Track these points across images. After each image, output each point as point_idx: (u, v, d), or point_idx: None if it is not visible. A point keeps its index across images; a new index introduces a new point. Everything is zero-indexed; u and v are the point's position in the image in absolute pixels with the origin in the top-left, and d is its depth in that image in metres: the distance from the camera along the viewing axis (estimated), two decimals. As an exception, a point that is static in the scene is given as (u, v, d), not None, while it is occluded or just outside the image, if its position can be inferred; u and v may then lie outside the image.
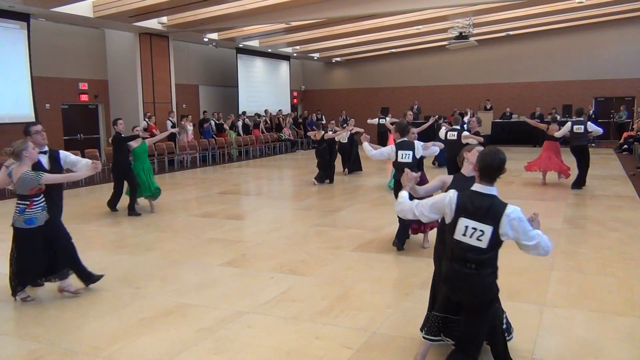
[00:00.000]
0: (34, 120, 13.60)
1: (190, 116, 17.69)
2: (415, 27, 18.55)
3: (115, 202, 9.14)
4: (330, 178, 12.32)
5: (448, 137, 9.31)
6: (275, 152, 20.56)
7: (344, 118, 21.06)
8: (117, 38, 16.47)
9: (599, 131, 10.88)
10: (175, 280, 5.52)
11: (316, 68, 27.55)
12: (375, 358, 3.74)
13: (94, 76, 16.42)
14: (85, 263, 5.16)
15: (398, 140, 6.62)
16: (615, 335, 4.04)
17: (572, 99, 21.55)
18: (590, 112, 20.28)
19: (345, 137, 12.97)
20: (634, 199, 9.60)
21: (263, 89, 22.93)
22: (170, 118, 16.89)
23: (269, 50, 22.20)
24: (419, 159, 6.62)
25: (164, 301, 4.88)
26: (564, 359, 3.68)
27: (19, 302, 4.87)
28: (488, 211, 2.99)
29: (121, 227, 8.24)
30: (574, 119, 10.87)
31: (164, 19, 15.44)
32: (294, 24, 16.72)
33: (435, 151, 6.91)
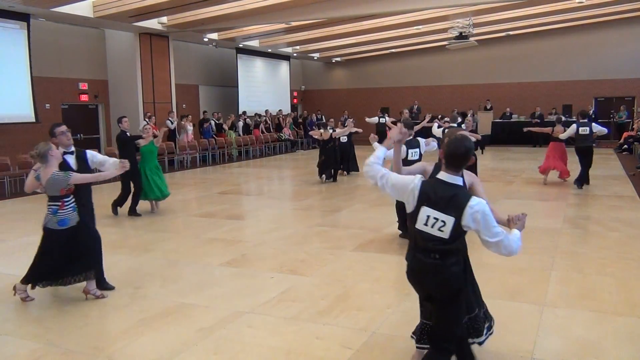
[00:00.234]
0: (33, 120, 13.62)
1: (190, 116, 17.71)
2: (415, 27, 18.55)
3: (120, 204, 8.88)
4: (334, 177, 12.50)
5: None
6: (275, 152, 20.56)
7: (345, 118, 21.06)
8: (117, 38, 16.47)
9: (604, 131, 11.01)
10: (175, 280, 5.52)
11: (316, 68, 27.55)
12: (375, 358, 3.74)
13: (94, 76, 16.42)
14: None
15: (407, 138, 6.65)
16: (615, 335, 4.04)
17: (572, 99, 21.56)
18: (590, 112, 20.26)
19: (345, 137, 13.04)
20: (634, 199, 9.60)
21: (263, 89, 22.93)
22: (170, 118, 16.90)
23: (269, 50, 22.20)
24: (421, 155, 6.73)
25: (164, 301, 4.88)
26: (564, 359, 3.68)
27: (19, 302, 4.87)
28: (450, 201, 2.85)
29: (122, 227, 8.23)
30: (580, 121, 10.96)
31: (164, 19, 15.44)
32: (294, 24, 16.72)
33: (435, 147, 6.94)
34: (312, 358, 3.74)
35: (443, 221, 2.85)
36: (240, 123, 19.82)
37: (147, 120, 15.39)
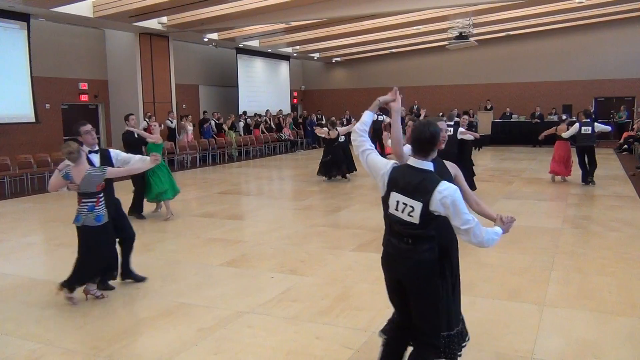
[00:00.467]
0: (33, 120, 13.61)
1: (190, 116, 17.71)
2: (415, 27, 18.56)
3: (139, 207, 8.68)
4: (344, 174, 12.54)
5: None
6: (275, 152, 20.56)
7: (347, 118, 21.11)
8: (117, 38, 16.47)
9: (607, 129, 11.30)
10: (175, 280, 5.52)
11: (316, 68, 27.56)
12: (375, 358, 3.73)
13: (94, 76, 16.42)
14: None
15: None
16: (615, 335, 4.04)
17: (572, 99, 21.56)
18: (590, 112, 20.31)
19: (343, 137, 13.04)
20: (634, 199, 9.60)
21: (263, 89, 22.94)
22: (170, 118, 16.90)
23: (269, 50, 22.20)
24: None
25: (164, 301, 4.88)
26: (564, 359, 3.68)
27: (19, 302, 4.87)
28: (418, 187, 2.84)
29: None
30: (582, 121, 11.07)
31: (164, 19, 15.45)
32: (294, 24, 16.72)
33: None
34: (312, 358, 3.74)
35: (412, 206, 2.86)
36: (241, 123, 19.84)
37: (147, 120, 15.42)
